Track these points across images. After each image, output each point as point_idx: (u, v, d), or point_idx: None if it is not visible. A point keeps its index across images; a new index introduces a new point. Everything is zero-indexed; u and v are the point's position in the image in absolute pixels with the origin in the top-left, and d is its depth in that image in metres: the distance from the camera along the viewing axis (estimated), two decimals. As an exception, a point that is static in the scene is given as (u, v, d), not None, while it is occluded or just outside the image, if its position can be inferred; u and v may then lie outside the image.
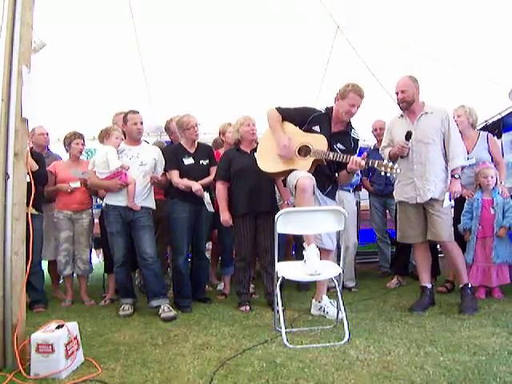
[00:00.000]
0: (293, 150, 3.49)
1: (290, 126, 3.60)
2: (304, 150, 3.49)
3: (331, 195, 3.65)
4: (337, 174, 3.66)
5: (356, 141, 3.65)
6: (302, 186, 3.19)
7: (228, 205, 4.04)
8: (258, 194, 3.96)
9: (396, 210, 4.04)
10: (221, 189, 4.04)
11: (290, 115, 3.63)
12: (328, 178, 3.61)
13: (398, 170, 3.26)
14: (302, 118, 3.61)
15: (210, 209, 4.12)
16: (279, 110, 3.64)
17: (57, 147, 5.24)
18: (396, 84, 3.74)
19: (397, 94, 3.71)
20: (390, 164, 3.25)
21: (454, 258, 3.72)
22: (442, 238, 3.64)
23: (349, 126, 3.64)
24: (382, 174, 3.29)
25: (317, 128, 3.56)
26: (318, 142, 3.47)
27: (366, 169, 5.19)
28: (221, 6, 4.86)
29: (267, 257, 3.94)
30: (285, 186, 3.67)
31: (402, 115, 3.80)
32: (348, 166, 3.34)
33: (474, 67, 4.87)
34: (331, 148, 3.46)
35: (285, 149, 3.49)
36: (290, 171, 3.44)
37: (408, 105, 3.68)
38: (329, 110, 3.63)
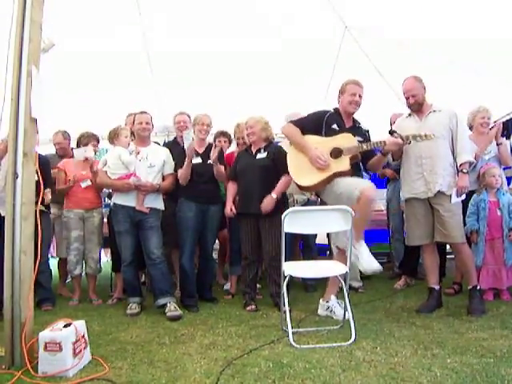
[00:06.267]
0: (327, 158, 3.44)
1: (311, 138, 3.55)
2: (336, 153, 3.47)
3: None
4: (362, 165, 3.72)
5: (367, 131, 3.75)
6: (371, 198, 3.22)
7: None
8: (250, 195, 4.01)
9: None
10: (229, 187, 4.26)
11: (305, 125, 3.61)
12: (358, 172, 3.64)
13: (433, 136, 3.37)
14: (316, 122, 3.60)
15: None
16: (294, 123, 3.64)
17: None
18: (403, 87, 3.73)
19: (407, 98, 3.70)
20: (422, 133, 3.39)
21: (465, 260, 3.68)
22: (454, 239, 3.60)
23: (355, 120, 3.72)
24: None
25: (335, 126, 3.58)
26: (345, 140, 3.48)
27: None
28: (229, 8, 4.89)
29: (267, 259, 3.98)
30: (316, 195, 3.68)
31: (409, 114, 3.79)
32: (386, 147, 3.44)
33: (482, 68, 4.84)
34: None
35: (319, 160, 3.43)
36: (332, 177, 3.42)
37: (420, 106, 3.69)
38: (336, 110, 3.69)
